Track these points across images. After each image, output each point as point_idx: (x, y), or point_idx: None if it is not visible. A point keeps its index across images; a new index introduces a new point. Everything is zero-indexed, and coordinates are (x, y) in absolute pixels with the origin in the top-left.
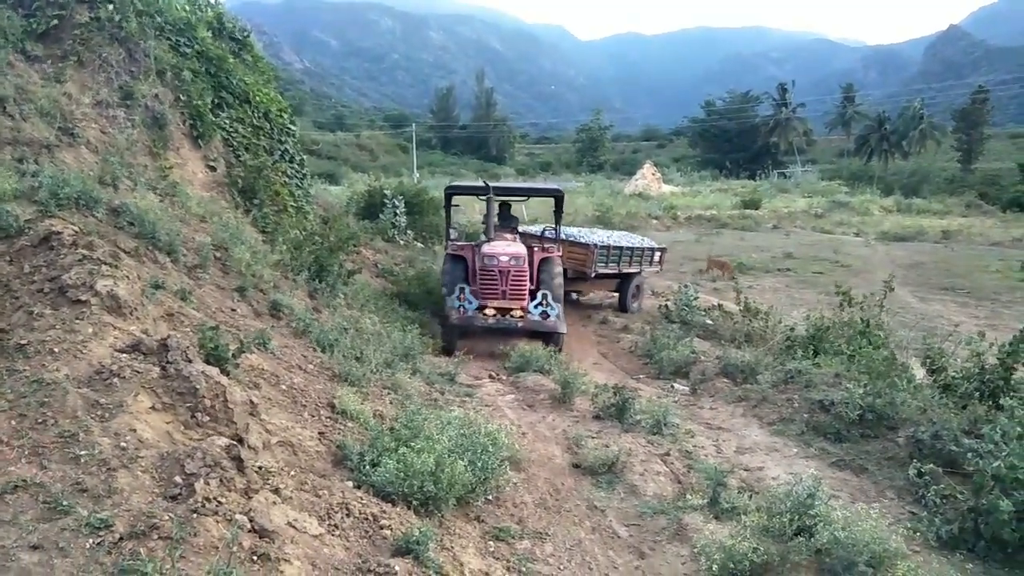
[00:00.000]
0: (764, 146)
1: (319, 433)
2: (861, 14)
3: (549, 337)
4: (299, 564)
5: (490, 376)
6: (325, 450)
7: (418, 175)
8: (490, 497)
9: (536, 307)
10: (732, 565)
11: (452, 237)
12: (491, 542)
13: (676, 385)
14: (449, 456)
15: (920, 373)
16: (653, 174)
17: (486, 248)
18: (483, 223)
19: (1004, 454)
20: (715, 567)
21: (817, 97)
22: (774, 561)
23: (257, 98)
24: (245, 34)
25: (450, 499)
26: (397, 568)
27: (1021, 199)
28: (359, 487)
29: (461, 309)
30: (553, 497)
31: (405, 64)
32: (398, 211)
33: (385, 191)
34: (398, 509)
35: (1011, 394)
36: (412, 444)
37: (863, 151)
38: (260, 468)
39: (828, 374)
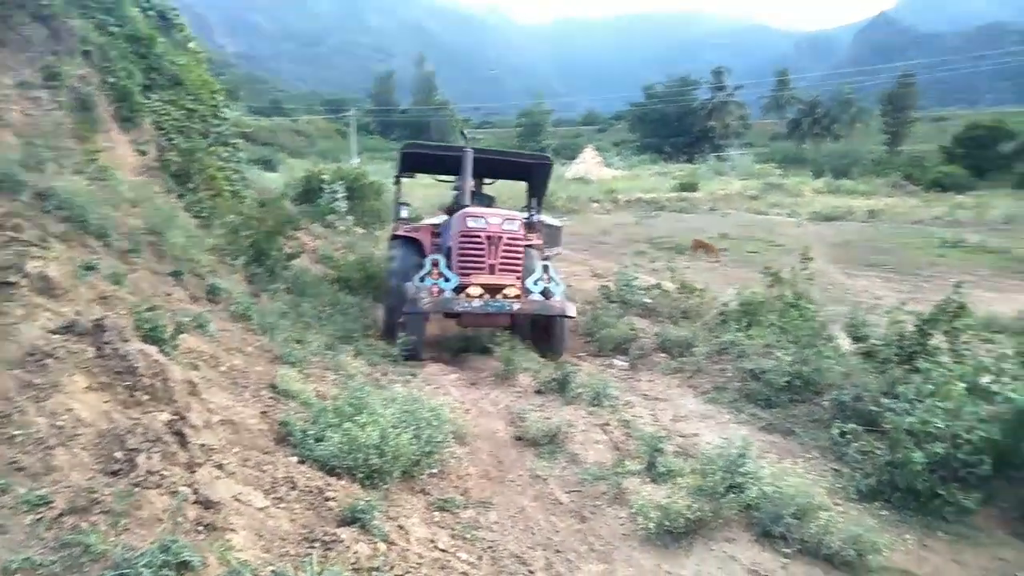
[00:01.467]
0: (702, 130)
1: (261, 412)
2: (795, 1)
3: (550, 330)
4: (245, 534)
5: (432, 357)
6: (268, 428)
7: (358, 160)
8: (434, 470)
9: (535, 283)
10: (668, 522)
11: (403, 216)
12: (436, 512)
13: (616, 360)
14: (394, 430)
15: (845, 343)
16: (594, 158)
17: (469, 210)
18: (455, 189)
19: (918, 410)
20: (652, 525)
21: (753, 81)
22: (707, 517)
23: (189, 80)
24: (175, 13)
25: (395, 472)
26: (343, 536)
27: (942, 180)
28: (303, 462)
29: (434, 289)
30: (496, 468)
31: (343, 48)
32: (337, 196)
33: (323, 176)
34: (343, 482)
35: (926, 357)
36: (356, 419)
37: (796, 134)
38: (203, 445)
39: (759, 345)
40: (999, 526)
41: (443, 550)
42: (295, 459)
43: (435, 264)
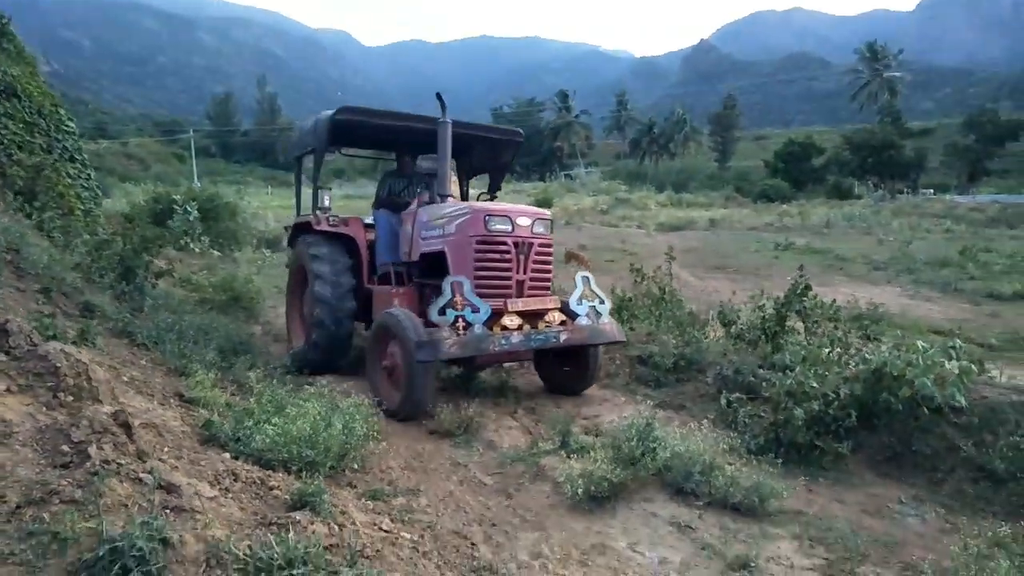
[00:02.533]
0: (550, 150)
1: (181, 416)
2: (626, 26)
3: (581, 359)
4: (211, 516)
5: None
6: (190, 430)
7: (199, 184)
8: (355, 467)
9: (579, 302)
10: (593, 488)
11: (325, 203)
12: (369, 501)
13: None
14: (323, 421)
15: (714, 330)
16: (451, 179)
17: (488, 206)
18: (421, 175)
19: (793, 374)
20: (579, 491)
21: (594, 103)
22: (627, 480)
23: (28, 91)
24: (3, 20)
25: (328, 463)
26: (299, 517)
27: (768, 191)
28: (237, 458)
29: (457, 325)
30: (417, 460)
31: (174, 68)
32: (191, 217)
33: (175, 197)
34: (280, 475)
35: (785, 335)
36: (285, 413)
37: (637, 153)
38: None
39: (641, 333)
40: (868, 469)
41: (387, 531)
42: (228, 455)
43: (458, 289)
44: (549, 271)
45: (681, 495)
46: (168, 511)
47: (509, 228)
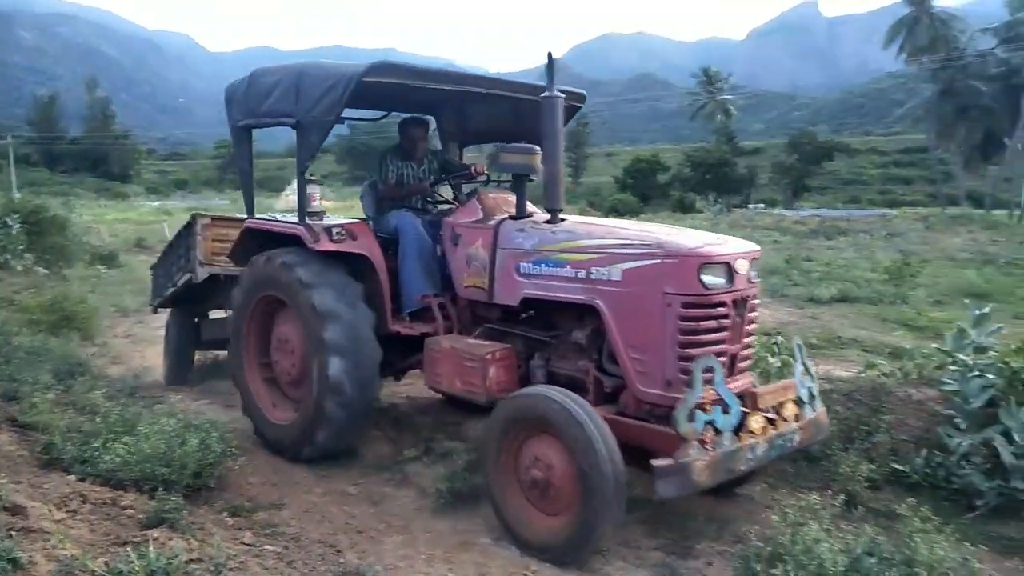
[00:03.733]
0: None
1: (17, 441)
2: (481, 43)
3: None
4: (61, 538)
5: (174, 390)
6: (29, 455)
7: (19, 195)
8: (212, 484)
9: (804, 384)
10: (458, 486)
11: (315, 206)
12: (228, 518)
13: None
14: (177, 438)
15: None
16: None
17: (690, 243)
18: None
19: None
20: (444, 489)
21: None
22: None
23: None
24: None
25: (184, 482)
26: (156, 535)
27: (617, 206)
28: (84, 480)
29: (707, 435)
30: (278, 475)
31: None
32: (12, 232)
33: None
34: (132, 495)
35: None
36: (137, 432)
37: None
38: None
39: None
40: None
41: (249, 544)
42: (74, 478)
43: (709, 378)
44: (753, 335)
45: None
46: (15, 532)
47: (724, 281)
